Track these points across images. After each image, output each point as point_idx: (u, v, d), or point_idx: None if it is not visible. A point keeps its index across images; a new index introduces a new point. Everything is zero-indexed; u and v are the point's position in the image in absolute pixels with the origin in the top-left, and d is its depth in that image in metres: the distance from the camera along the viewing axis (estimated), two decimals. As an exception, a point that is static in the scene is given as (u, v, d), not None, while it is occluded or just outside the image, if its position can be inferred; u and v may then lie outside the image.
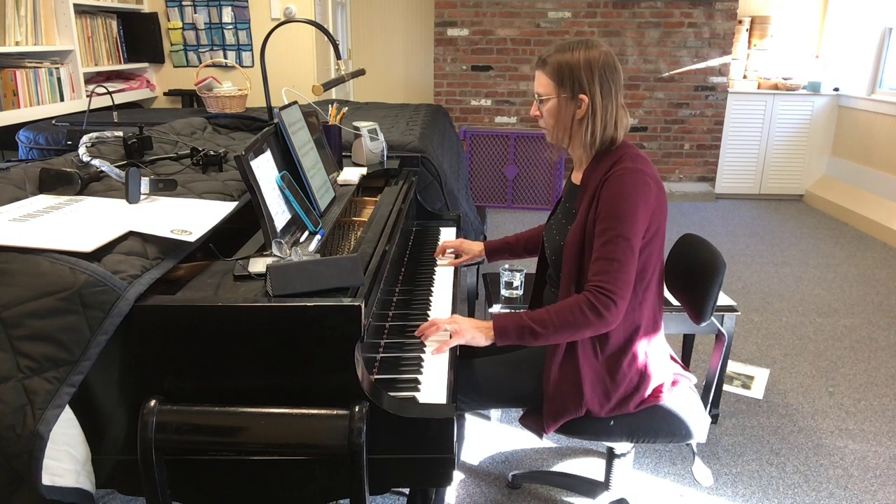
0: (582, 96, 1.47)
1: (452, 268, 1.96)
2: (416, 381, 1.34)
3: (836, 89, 5.47)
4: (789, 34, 5.62)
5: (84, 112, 2.77)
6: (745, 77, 5.69)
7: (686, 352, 2.48)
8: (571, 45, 1.48)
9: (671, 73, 5.48)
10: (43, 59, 3.46)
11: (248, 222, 1.53)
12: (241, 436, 1.17)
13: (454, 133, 3.74)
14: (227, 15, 4.39)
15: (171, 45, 4.48)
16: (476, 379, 1.62)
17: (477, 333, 1.45)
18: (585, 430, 1.58)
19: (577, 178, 1.61)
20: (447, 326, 1.47)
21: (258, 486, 1.22)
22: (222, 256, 1.36)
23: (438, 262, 1.98)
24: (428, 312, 1.68)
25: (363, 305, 1.15)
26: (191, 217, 1.40)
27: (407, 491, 1.89)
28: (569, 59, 1.46)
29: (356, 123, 2.28)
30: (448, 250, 2.01)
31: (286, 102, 1.74)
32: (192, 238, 1.30)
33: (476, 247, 1.97)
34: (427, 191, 2.58)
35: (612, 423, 1.57)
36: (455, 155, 3.42)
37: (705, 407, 1.68)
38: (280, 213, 1.43)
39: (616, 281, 1.41)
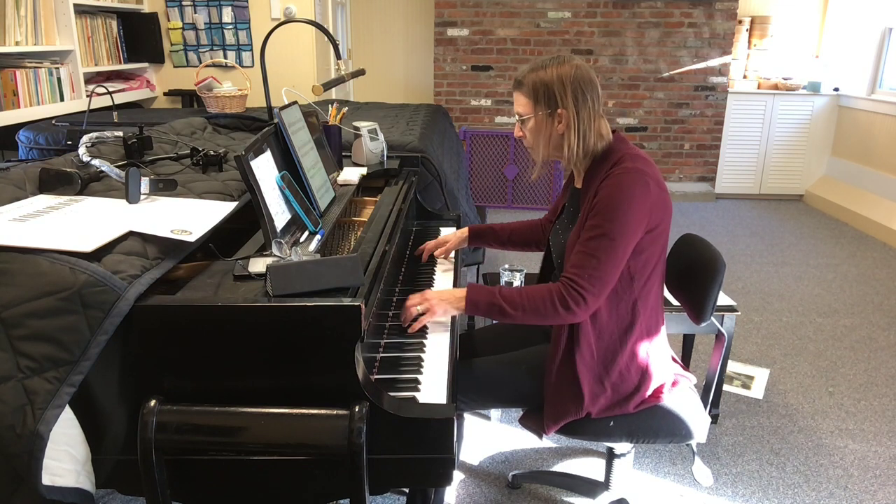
0: (560, 111, 1.49)
1: (452, 269, 1.95)
2: (416, 381, 1.34)
3: (836, 89, 5.47)
4: (789, 34, 5.62)
5: (84, 112, 2.77)
6: (745, 77, 5.69)
7: (686, 352, 2.48)
8: (544, 63, 1.51)
9: (671, 73, 5.48)
10: (43, 59, 3.46)
11: (248, 222, 1.53)
12: (241, 436, 1.17)
13: (454, 133, 3.74)
14: (227, 15, 4.39)
15: (171, 45, 4.47)
16: (476, 379, 1.63)
17: (449, 307, 1.51)
18: (585, 431, 1.58)
19: (578, 183, 1.62)
20: (418, 308, 1.51)
21: (258, 486, 1.22)
22: (222, 256, 1.36)
23: (438, 262, 1.98)
24: (428, 312, 1.67)
25: (363, 305, 1.15)
26: (191, 217, 1.40)
27: (407, 491, 1.89)
28: (543, 76, 1.50)
29: (356, 123, 2.28)
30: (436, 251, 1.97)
31: (286, 102, 1.74)
32: (192, 238, 1.30)
33: (459, 233, 1.95)
34: (427, 191, 2.57)
35: (611, 423, 1.57)
36: (455, 155, 3.41)
37: (705, 407, 1.68)
38: (280, 213, 1.43)
39: (591, 278, 1.42)
